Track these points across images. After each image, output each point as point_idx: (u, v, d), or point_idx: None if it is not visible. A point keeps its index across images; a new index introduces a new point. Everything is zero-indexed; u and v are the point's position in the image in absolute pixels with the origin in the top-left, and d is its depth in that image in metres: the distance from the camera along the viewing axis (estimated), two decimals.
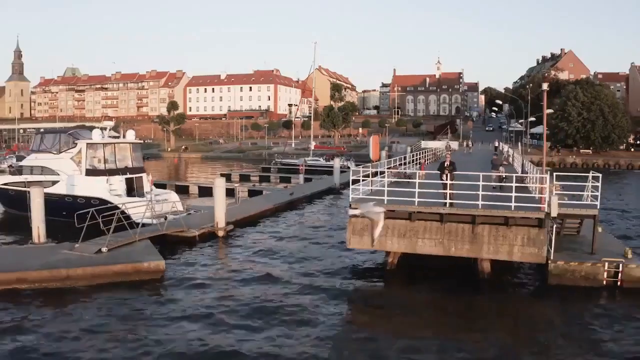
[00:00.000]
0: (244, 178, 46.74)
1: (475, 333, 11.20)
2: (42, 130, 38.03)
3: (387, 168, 21.09)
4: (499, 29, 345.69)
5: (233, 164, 71.11)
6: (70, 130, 26.28)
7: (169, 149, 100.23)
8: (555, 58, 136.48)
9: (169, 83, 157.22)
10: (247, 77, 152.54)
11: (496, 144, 56.48)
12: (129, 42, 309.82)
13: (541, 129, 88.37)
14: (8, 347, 10.31)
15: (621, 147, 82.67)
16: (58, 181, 24.34)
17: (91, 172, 23.59)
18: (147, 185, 25.04)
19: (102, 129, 25.61)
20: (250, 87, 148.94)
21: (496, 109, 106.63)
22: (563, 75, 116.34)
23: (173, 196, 24.52)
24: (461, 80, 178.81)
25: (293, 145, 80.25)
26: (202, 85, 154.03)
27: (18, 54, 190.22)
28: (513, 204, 14.38)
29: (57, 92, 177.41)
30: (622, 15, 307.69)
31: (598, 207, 15.24)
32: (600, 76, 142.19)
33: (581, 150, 76.81)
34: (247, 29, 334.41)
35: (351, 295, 14.13)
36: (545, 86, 21.41)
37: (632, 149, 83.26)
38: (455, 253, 14.78)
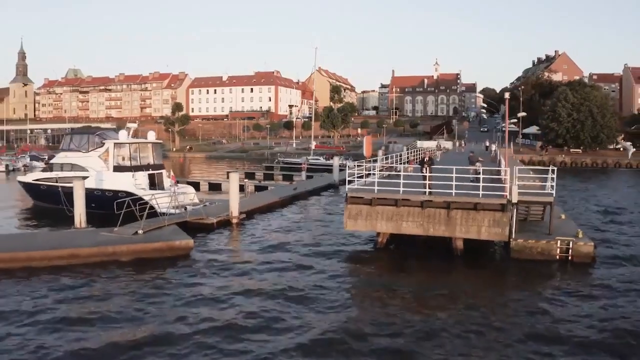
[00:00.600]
0: (249, 176, 49.68)
1: (448, 296, 14.12)
2: (69, 130, 41.12)
3: (379, 164, 24.12)
4: (499, 29, 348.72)
5: (237, 163, 74.06)
6: (98, 131, 29.31)
7: (174, 149, 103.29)
8: (549, 60, 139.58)
9: (172, 84, 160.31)
10: (248, 78, 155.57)
11: (487, 144, 59.48)
12: (129, 42, 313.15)
13: (533, 129, 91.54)
14: (79, 308, 13.30)
15: (611, 147, 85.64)
16: (87, 177, 27.26)
17: (118, 168, 26.61)
18: (167, 181, 28.08)
19: (128, 129, 28.56)
20: (252, 89, 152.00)
21: (485, 110, 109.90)
22: (557, 77, 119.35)
23: (190, 190, 27.60)
24: (459, 81, 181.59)
25: (294, 145, 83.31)
26: (204, 86, 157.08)
27: (22, 55, 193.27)
28: (481, 192, 17.39)
29: (61, 94, 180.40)
30: (617, 17, 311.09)
31: (554, 195, 18.24)
32: (595, 77, 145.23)
33: (571, 150, 79.79)
34: (247, 29, 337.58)
35: (349, 270, 17.10)
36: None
37: (622, 149, 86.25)
38: (434, 233, 17.81)
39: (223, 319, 11.82)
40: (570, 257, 17.31)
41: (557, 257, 17.34)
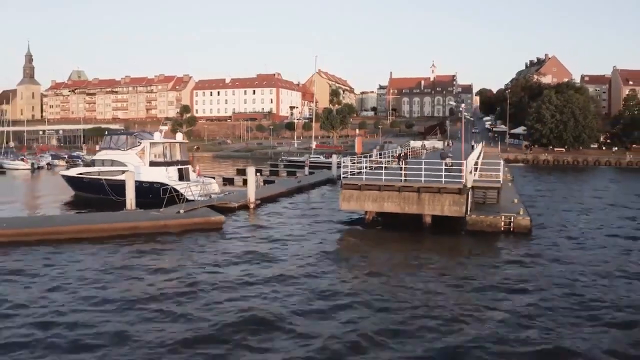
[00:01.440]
0: (257, 172, 55.09)
1: (418, 258, 19.42)
2: (109, 132, 46.76)
3: (369, 159, 29.58)
4: (496, 30, 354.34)
5: (243, 162, 79.41)
6: (135, 133, 34.78)
7: None
8: (540, 63, 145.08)
9: (177, 87, 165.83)
10: (250, 81, 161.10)
11: (472, 144, 64.91)
12: (129, 42, 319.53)
13: (521, 130, 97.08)
14: (147, 261, 18.71)
15: (594, 146, 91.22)
16: (126, 170, 32.74)
17: (153, 163, 32.03)
18: (192, 174, 33.57)
19: (161, 131, 34.03)
20: (254, 91, 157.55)
21: (467, 114, 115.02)
22: (546, 79, 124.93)
23: (213, 182, 33.11)
24: (455, 82, 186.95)
25: (296, 145, 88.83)
26: (208, 88, 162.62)
27: (29, 58, 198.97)
28: (443, 179, 22.84)
29: (68, 95, 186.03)
30: (608, 21, 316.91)
31: (500, 182, 23.69)
32: (587, 78, 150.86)
33: (555, 149, 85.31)
34: (247, 29, 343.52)
35: (344, 243, 22.47)
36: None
37: (604, 147, 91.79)
38: (408, 211, 23.24)
39: (247, 271, 16.88)
40: (512, 229, 22.72)
41: (502, 228, 22.72)
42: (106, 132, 53.72)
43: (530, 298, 14.08)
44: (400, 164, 23.74)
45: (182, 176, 32.72)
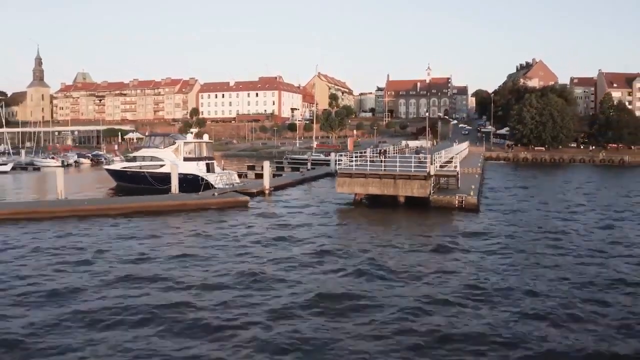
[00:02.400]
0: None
1: (393, 225, 27.21)
2: (148, 134, 54.77)
3: (360, 155, 37.41)
4: (494, 32, 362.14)
5: (250, 161, 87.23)
6: (170, 134, 42.62)
7: None
8: (528, 66, 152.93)
9: (183, 89, 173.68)
10: (253, 84, 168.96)
11: (455, 143, 72.68)
12: (129, 43, 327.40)
13: (504, 131, 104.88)
14: (195, 226, 26.49)
15: (573, 145, 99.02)
16: (164, 165, 40.47)
17: (187, 159, 39.77)
18: (216, 168, 41.35)
19: (191, 132, 41.88)
20: (257, 93, 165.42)
21: (462, 114, 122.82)
22: (533, 83, 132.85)
23: (234, 173, 40.89)
24: (449, 84, 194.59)
25: (298, 145, 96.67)
26: (213, 91, 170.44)
27: (38, 61, 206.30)
28: (413, 168, 30.63)
29: (78, 97, 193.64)
30: (594, 25, 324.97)
31: (457, 172, 31.46)
32: (576, 80, 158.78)
33: (535, 148, 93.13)
34: (247, 29, 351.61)
35: (339, 214, 30.23)
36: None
37: (582, 146, 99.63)
38: (387, 192, 31.00)
39: (270, 230, 24.60)
40: (463, 205, 30.47)
41: (456, 205, 30.46)
42: (147, 134, 62.38)
43: (474, 246, 21.90)
44: (381, 157, 31.52)
45: (209, 169, 40.49)
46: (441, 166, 35.41)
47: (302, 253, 19.55)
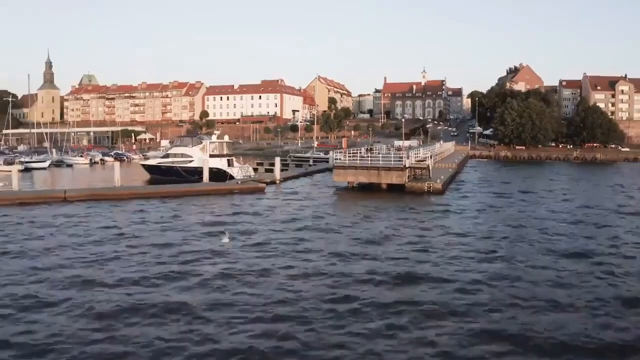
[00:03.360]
0: (272, 165, 72.10)
1: (376, 205, 36.19)
2: (181, 135, 63.96)
3: (352, 152, 46.54)
4: (491, 34, 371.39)
5: (257, 159, 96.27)
6: (198, 135, 51.71)
7: None
8: (516, 70, 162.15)
9: (190, 92, 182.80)
10: (256, 87, 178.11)
11: (440, 143, 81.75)
12: (130, 43, 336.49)
13: (489, 132, 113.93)
14: (224, 202, 35.58)
15: (552, 144, 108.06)
16: (192, 160, 49.41)
17: (212, 155, 48.69)
18: (235, 163, 50.40)
19: (215, 134, 51.02)
20: (260, 96, 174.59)
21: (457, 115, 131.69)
22: (520, 86, 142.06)
23: (250, 167, 50.01)
24: (444, 87, 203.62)
25: (299, 144, 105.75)
26: (218, 94, 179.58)
27: (49, 65, 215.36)
28: (392, 161, 39.71)
29: (88, 100, 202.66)
30: (584, 28, 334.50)
31: (427, 164, 40.57)
32: (564, 83, 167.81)
33: (516, 147, 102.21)
34: (249, 31, 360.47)
35: (336, 195, 39.24)
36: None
37: (561, 145, 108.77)
38: (372, 180, 40.04)
39: (281, 208, 33.72)
40: (431, 190, 39.49)
41: (426, 190, 39.48)
42: (180, 135, 72.13)
43: (436, 220, 31.01)
44: (368, 153, 40.62)
45: (230, 164, 49.51)
46: (419, 161, 44.49)
47: (312, 216, 28.78)
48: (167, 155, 53.02)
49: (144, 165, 54.68)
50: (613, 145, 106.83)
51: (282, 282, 15.53)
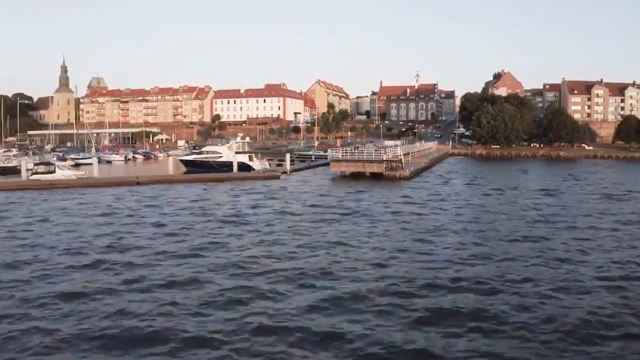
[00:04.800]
0: (281, 161, 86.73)
1: (363, 189, 50.64)
2: (212, 136, 79.07)
3: (345, 150, 61.28)
4: (488, 35, 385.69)
5: (265, 157, 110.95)
6: (225, 137, 66.44)
7: None
8: (499, 76, 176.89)
9: (199, 96, 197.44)
10: (260, 91, 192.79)
11: (421, 142, 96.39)
12: (130, 44, 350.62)
13: (469, 133, 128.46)
14: (245, 184, 50.20)
15: (525, 143, 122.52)
16: (222, 156, 63.84)
17: (237, 152, 63.18)
18: (255, 158, 64.98)
19: (239, 135, 65.79)
20: (264, 100, 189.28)
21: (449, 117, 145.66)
22: (501, 91, 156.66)
23: (266, 161, 64.73)
24: (436, 90, 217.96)
25: (302, 144, 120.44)
26: (225, 97, 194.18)
27: (64, 69, 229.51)
28: (374, 155, 54.41)
29: (104, 103, 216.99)
30: (558, 34, 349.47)
31: (399, 158, 55.29)
32: (547, 86, 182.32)
33: (492, 146, 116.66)
34: (250, 34, 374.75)
35: (333, 182, 53.71)
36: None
37: (533, 145, 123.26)
38: (360, 170, 54.53)
39: (290, 190, 48.23)
40: (401, 177, 54.04)
41: (397, 177, 54.03)
42: (212, 135, 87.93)
43: (400, 193, 45.66)
44: (356, 150, 55.43)
45: (250, 159, 64.04)
46: (394, 156, 59.07)
47: (315, 195, 43.34)
48: (200, 152, 67.64)
49: (181, 160, 69.25)
50: (579, 144, 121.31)
51: (302, 225, 30.19)
